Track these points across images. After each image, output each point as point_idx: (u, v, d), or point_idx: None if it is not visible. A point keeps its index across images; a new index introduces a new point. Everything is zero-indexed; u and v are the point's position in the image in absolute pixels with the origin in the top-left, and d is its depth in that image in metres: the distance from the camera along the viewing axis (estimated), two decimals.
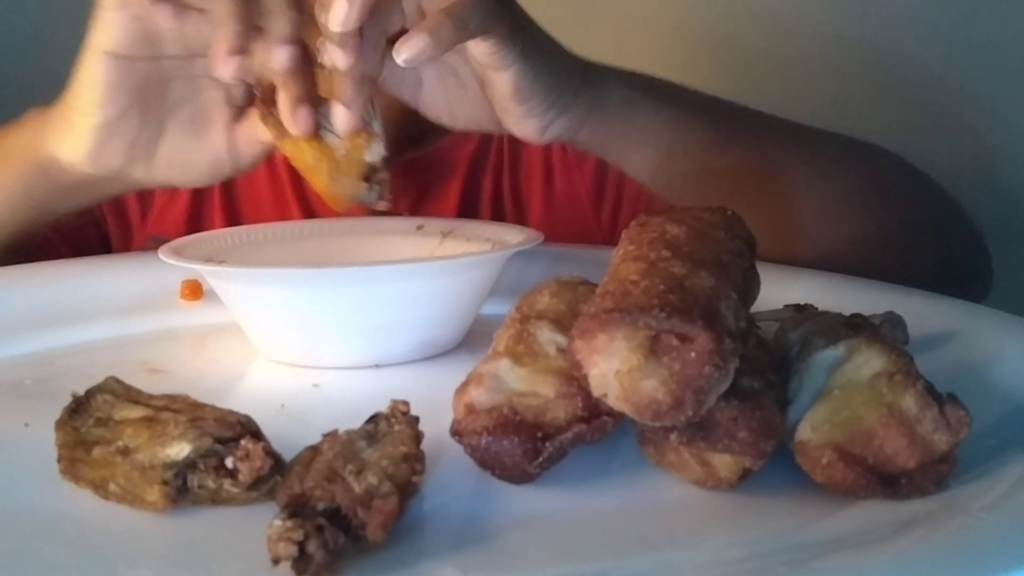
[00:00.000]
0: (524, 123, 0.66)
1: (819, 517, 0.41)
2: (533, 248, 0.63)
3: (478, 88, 0.66)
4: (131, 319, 0.71)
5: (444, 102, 0.69)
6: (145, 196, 0.97)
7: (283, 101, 0.62)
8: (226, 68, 0.59)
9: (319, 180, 0.63)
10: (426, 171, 0.97)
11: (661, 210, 0.52)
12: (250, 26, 0.60)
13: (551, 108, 0.66)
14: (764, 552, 0.39)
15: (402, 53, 0.57)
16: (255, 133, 0.68)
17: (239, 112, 0.69)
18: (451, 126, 0.70)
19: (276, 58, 0.60)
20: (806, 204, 0.77)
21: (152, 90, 0.67)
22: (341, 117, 0.62)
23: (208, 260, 0.64)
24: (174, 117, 0.68)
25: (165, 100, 0.68)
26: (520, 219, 0.98)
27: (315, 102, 0.62)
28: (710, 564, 0.39)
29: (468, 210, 0.97)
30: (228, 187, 0.98)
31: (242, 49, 0.59)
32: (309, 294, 0.60)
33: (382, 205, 0.65)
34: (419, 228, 0.73)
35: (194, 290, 0.74)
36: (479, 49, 0.61)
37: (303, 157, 0.63)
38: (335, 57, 0.59)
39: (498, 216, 0.97)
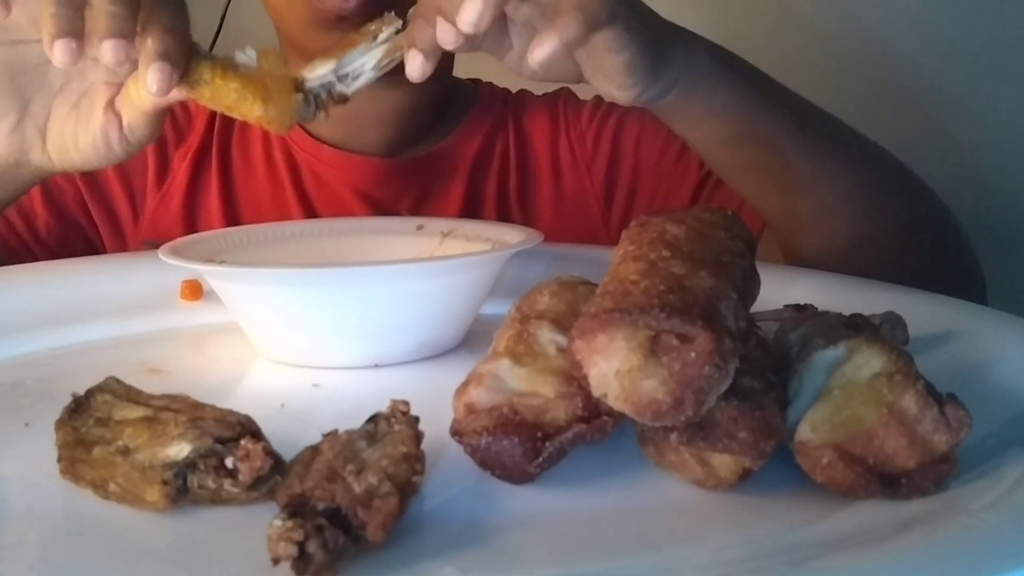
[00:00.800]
0: (621, 92, 0.66)
1: (819, 517, 0.41)
2: (533, 248, 0.63)
3: (567, 52, 0.64)
4: (131, 319, 0.71)
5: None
6: (135, 199, 0.97)
7: (141, 62, 0.59)
8: (52, 52, 0.57)
9: (252, 110, 0.60)
10: (427, 171, 0.97)
11: (661, 210, 0.52)
12: (75, 8, 0.57)
13: (650, 78, 0.66)
14: (764, 552, 0.39)
15: (535, 59, 0.56)
16: (132, 104, 0.65)
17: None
18: (530, 77, 0.68)
19: (102, 55, 0.57)
20: (827, 198, 0.78)
21: (27, 74, 0.66)
22: (415, 66, 0.60)
23: (208, 260, 0.64)
24: (59, 100, 0.67)
25: (48, 84, 0.66)
26: (526, 220, 0.97)
27: (173, 57, 0.59)
28: (710, 564, 0.39)
29: (471, 210, 0.97)
30: (227, 187, 0.98)
31: (70, 32, 0.56)
32: (309, 294, 0.60)
33: (322, 117, 0.63)
34: (419, 228, 0.73)
35: (194, 290, 0.74)
36: (598, 37, 0.60)
37: (224, 96, 0.61)
38: (444, 37, 0.58)
39: (503, 217, 0.97)
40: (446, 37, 0.58)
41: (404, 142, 0.97)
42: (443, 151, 0.98)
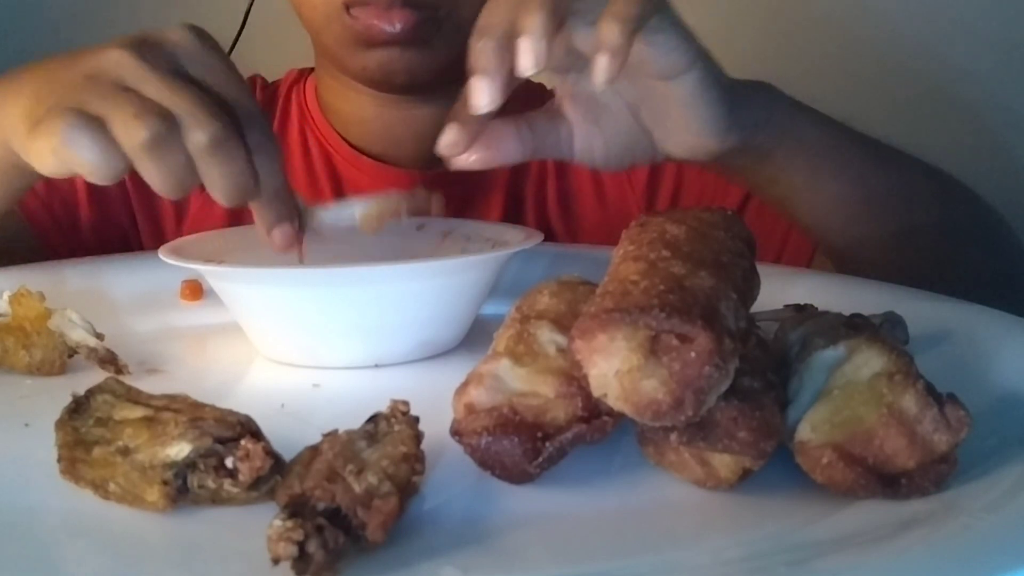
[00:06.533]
0: (703, 140, 0.62)
1: (819, 517, 0.41)
2: (533, 248, 0.63)
3: (630, 120, 0.64)
4: (131, 319, 0.71)
5: (599, 145, 0.65)
6: (178, 202, 0.96)
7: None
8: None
9: (19, 360, 0.59)
10: (466, 181, 0.91)
11: (661, 210, 0.52)
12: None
13: (729, 118, 0.62)
14: (764, 552, 0.39)
15: (599, 80, 0.52)
16: None
17: None
18: (604, 167, 0.66)
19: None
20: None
21: None
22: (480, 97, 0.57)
23: (208, 260, 0.64)
24: None
25: None
26: (567, 225, 0.96)
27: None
28: (710, 564, 0.39)
29: (511, 218, 0.95)
30: None
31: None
32: (309, 294, 0.60)
33: None
34: (419, 228, 0.73)
35: (194, 290, 0.74)
36: (655, 54, 0.57)
37: None
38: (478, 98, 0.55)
39: (543, 224, 0.96)
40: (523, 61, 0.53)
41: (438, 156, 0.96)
42: None
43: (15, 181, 0.71)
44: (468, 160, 0.60)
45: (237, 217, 0.95)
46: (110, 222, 0.96)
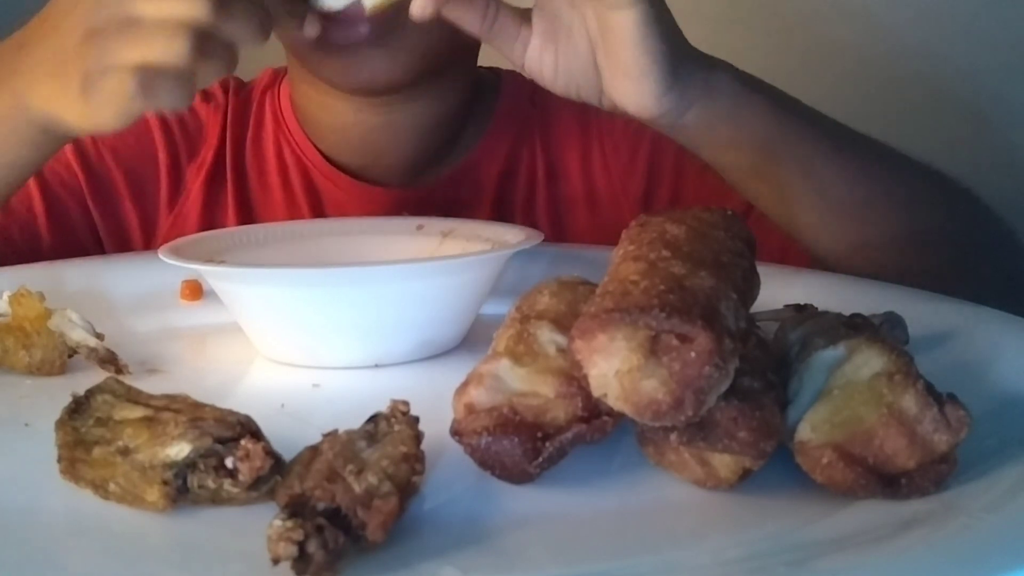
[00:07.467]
0: (639, 88, 0.63)
1: (819, 517, 0.41)
2: (533, 248, 0.63)
3: (588, 52, 0.65)
4: (131, 319, 0.71)
5: (550, 61, 0.67)
6: (147, 220, 0.94)
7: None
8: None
9: (18, 360, 0.59)
10: (452, 194, 0.94)
11: (661, 210, 0.52)
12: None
13: (668, 76, 0.63)
14: (764, 552, 0.39)
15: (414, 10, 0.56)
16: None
17: None
18: (551, 88, 0.68)
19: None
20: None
21: None
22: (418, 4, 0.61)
23: (208, 260, 0.64)
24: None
25: None
26: (559, 231, 0.94)
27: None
28: (710, 564, 0.39)
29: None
30: (244, 210, 0.95)
31: None
32: (309, 294, 0.60)
33: None
34: (419, 228, 0.73)
35: (194, 290, 0.74)
36: (620, 16, 0.59)
37: None
38: None
39: (533, 226, 0.95)
40: None
41: (428, 160, 0.94)
42: (467, 169, 0.94)
43: (42, 147, 0.71)
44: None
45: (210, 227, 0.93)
46: (73, 246, 0.92)
